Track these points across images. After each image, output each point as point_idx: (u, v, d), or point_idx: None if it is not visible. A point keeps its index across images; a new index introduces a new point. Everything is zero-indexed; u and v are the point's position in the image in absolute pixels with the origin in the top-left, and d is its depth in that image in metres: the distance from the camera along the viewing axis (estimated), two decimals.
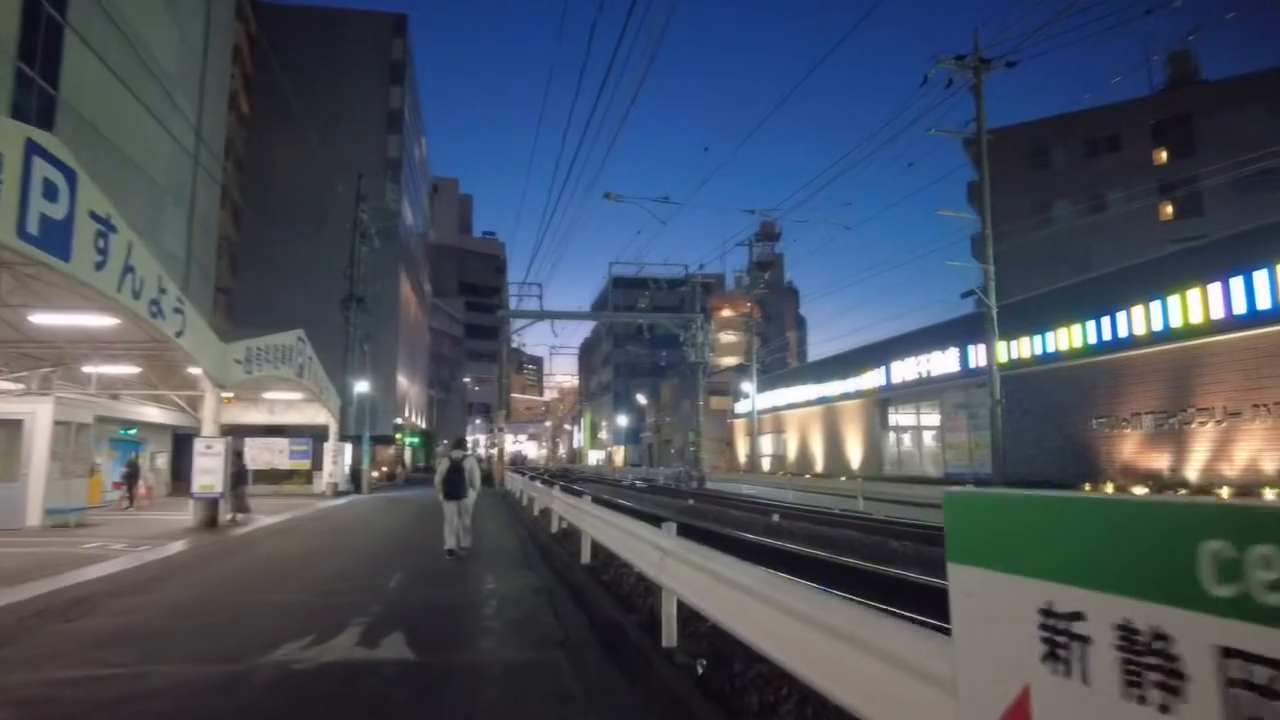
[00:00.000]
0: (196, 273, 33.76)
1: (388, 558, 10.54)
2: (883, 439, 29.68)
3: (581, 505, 9.52)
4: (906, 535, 12.27)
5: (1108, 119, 41.78)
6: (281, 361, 21.95)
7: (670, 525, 5.44)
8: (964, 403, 24.90)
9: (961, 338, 24.74)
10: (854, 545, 11.42)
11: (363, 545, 12.19)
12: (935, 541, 11.50)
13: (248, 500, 18.15)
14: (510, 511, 19.84)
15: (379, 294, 50.11)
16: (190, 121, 31.48)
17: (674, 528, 5.40)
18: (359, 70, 55.94)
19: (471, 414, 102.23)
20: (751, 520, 15.59)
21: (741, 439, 45.31)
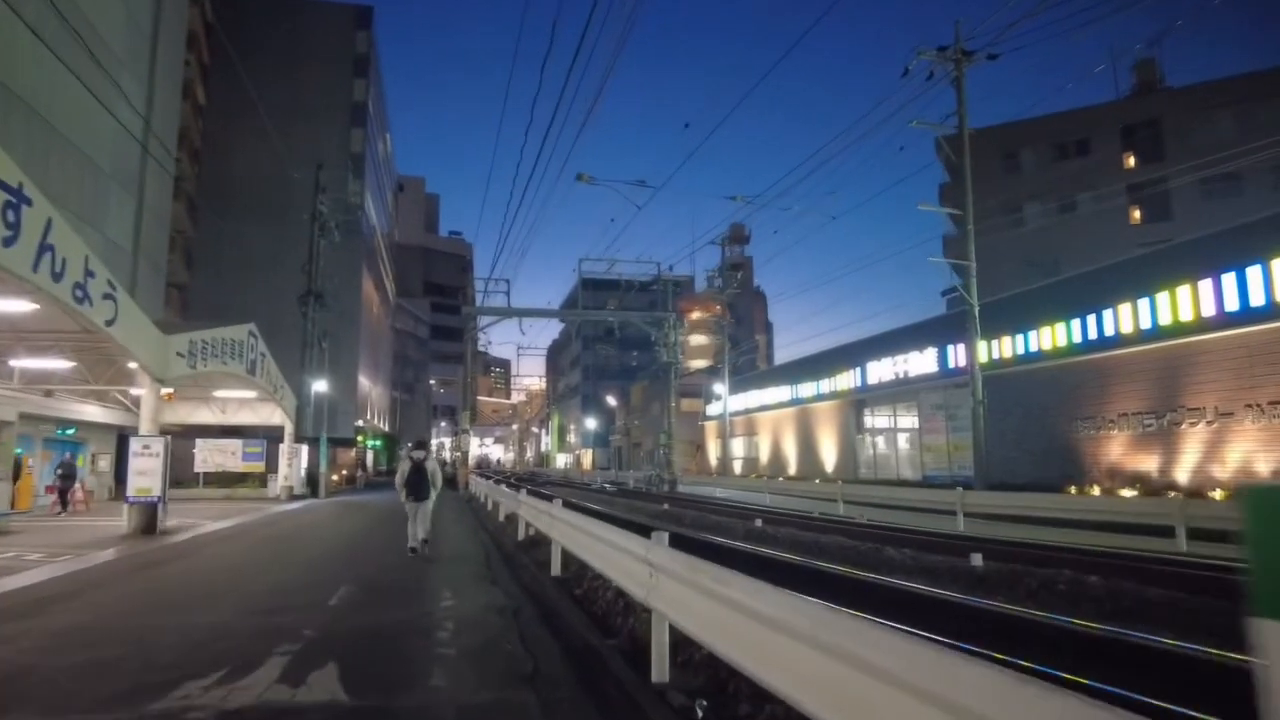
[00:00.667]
0: (146, 265, 32.16)
1: (335, 569, 9.48)
2: (858, 441, 29.09)
3: (552, 511, 8.57)
4: (900, 541, 11.51)
5: (1077, 123, 41.90)
6: (231, 356, 20.65)
7: (662, 535, 4.52)
8: (943, 404, 24.36)
9: (940, 337, 24.20)
10: (848, 553, 10.63)
11: (310, 554, 11.09)
12: (933, 548, 10.75)
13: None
14: (474, 517, 18.78)
15: (339, 291, 48.45)
16: (138, 106, 29.94)
17: (665, 538, 4.49)
18: (322, 62, 54.32)
19: (436, 416, 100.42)
20: (732, 525, 14.75)
21: (712, 441, 44.57)
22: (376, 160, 64.52)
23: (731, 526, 14.62)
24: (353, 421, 52.00)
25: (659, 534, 4.55)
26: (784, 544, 12.12)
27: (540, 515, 9.77)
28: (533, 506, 10.72)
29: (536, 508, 10.22)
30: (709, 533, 14.24)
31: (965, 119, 21.77)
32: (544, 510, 9.27)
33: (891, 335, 27.28)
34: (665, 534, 4.54)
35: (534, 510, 10.58)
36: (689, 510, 19.04)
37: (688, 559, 3.95)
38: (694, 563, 3.81)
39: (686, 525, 16.06)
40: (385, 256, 74.77)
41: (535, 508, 10.40)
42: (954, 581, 8.25)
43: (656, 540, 4.49)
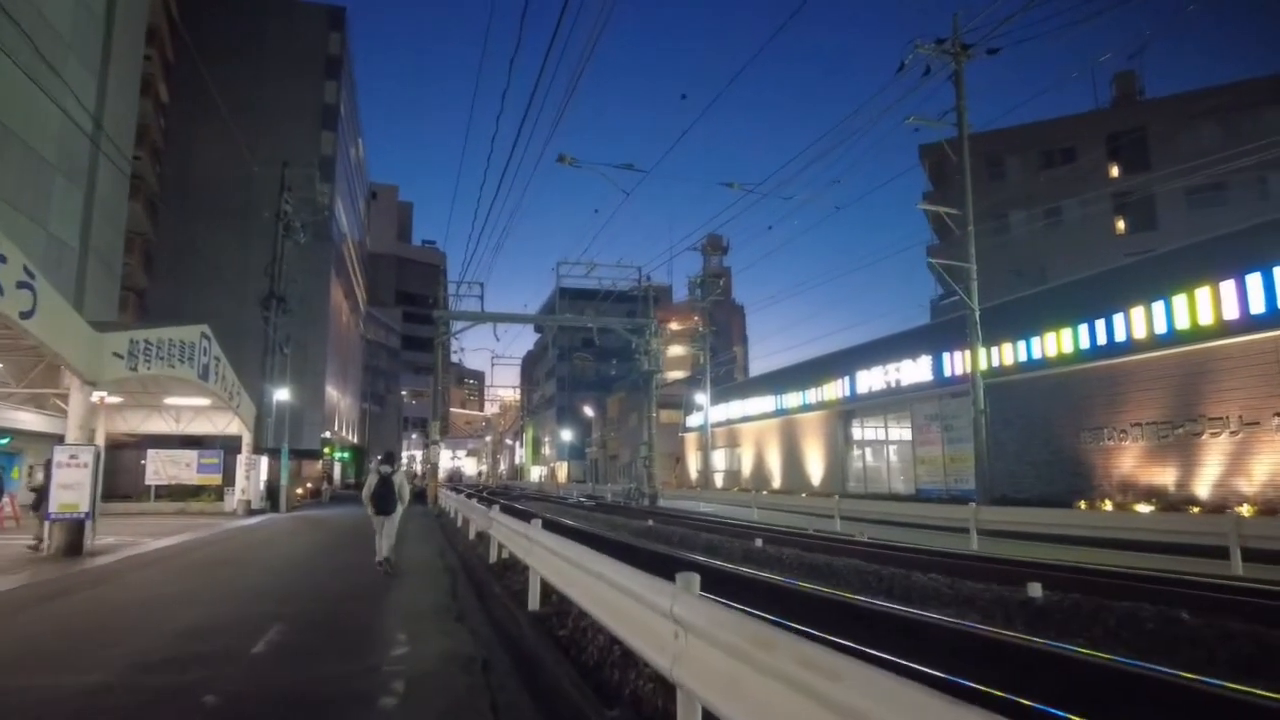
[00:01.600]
0: (97, 265, 30.32)
1: (273, 600, 8.03)
2: (846, 453, 27.97)
3: (530, 534, 7.20)
4: (919, 564, 10.29)
5: (1063, 131, 41.51)
6: (180, 359, 19.02)
7: (689, 578, 3.21)
8: (938, 414, 23.31)
9: (935, 345, 23.18)
10: (868, 580, 9.35)
11: (249, 581, 9.61)
12: (964, 573, 9.51)
13: None
14: (442, 535, 17.29)
15: (307, 297, 46.74)
16: (89, 94, 28.20)
17: (695, 583, 3.18)
18: (292, 63, 52.71)
19: (407, 429, 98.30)
20: (727, 546, 13.43)
21: (692, 454, 43.29)
22: (348, 165, 62.89)
23: (727, 547, 13.29)
24: (319, 433, 50.14)
25: (686, 577, 3.23)
26: (792, 568, 10.82)
27: (515, 538, 8.39)
28: (506, 526, 9.34)
29: (511, 528, 8.84)
30: (703, 554, 12.91)
31: (964, 115, 20.82)
32: (520, 532, 7.89)
33: (883, 343, 26.24)
34: (694, 577, 3.22)
35: (508, 531, 9.20)
36: (675, 527, 17.69)
37: (740, 621, 2.64)
38: (753, 629, 2.49)
39: (676, 545, 14.73)
40: (356, 264, 72.99)
41: (509, 528, 9.02)
42: (1015, 619, 6.98)
43: (684, 585, 3.17)
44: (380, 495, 10.35)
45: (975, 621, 6.80)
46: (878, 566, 9.86)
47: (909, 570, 9.42)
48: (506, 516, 9.84)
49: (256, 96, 48.52)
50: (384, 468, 10.62)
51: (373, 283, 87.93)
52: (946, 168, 45.33)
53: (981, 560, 10.74)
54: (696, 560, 11.58)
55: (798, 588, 9.18)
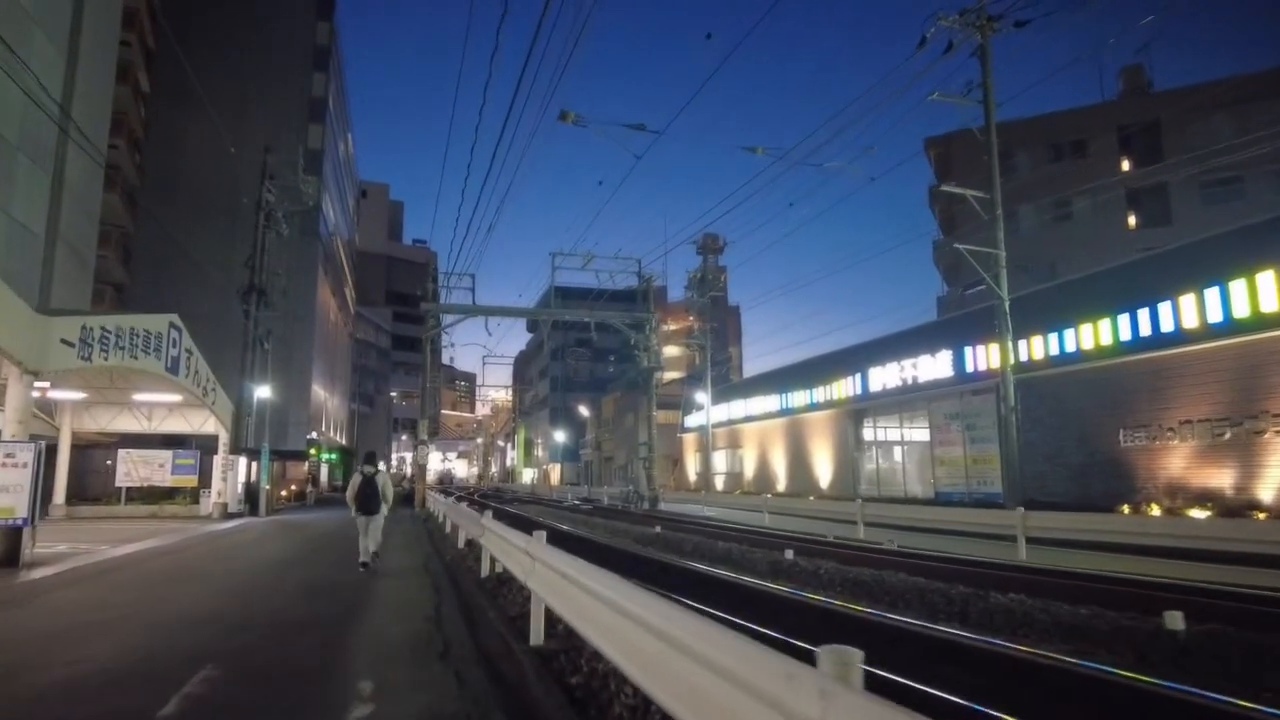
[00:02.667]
0: (67, 255, 28.71)
1: (214, 631, 6.54)
2: (858, 454, 26.56)
3: (534, 550, 5.72)
4: (978, 579, 8.87)
5: (1073, 123, 40.27)
6: (144, 350, 17.44)
7: (846, 655, 1.74)
8: (958, 412, 21.93)
9: (956, 339, 21.82)
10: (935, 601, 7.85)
11: (193, 603, 8.10)
12: (1044, 592, 8.06)
13: None
14: (429, 542, 15.78)
15: (294, 293, 45.07)
16: (56, 72, 26.60)
17: (856, 659, 1.71)
18: (279, 53, 51.14)
19: (397, 430, 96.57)
20: (750, 557, 11.94)
21: (691, 455, 41.85)
22: (337, 160, 61.33)
23: (750, 559, 11.80)
24: (305, 433, 48.54)
25: (836, 654, 1.77)
26: (837, 587, 9.26)
27: (514, 553, 6.90)
28: (501, 538, 7.86)
29: (508, 540, 7.35)
30: (724, 567, 11.40)
31: (991, 90, 19.45)
32: (520, 547, 6.40)
33: (898, 338, 24.87)
34: (854, 654, 1.76)
35: (504, 545, 7.72)
36: (686, 534, 16.21)
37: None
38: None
39: (690, 554, 13.25)
40: (345, 262, 71.41)
41: (506, 540, 7.53)
42: (1168, 662, 5.50)
43: (832, 663, 1.71)
44: (364, 495, 10.55)
45: (1114, 665, 5.33)
46: (930, 582, 8.44)
47: (981, 589, 7.99)
48: (501, 525, 8.36)
49: (242, 87, 47.00)
50: (367, 468, 10.83)
51: (362, 282, 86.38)
52: (953, 159, 44.18)
53: (1050, 574, 9.33)
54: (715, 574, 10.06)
55: (848, 612, 7.70)
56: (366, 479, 10.74)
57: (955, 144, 43.03)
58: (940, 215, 44.44)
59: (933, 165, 45.09)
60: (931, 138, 44.13)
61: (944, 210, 43.55)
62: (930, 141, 44.23)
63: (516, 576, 6.60)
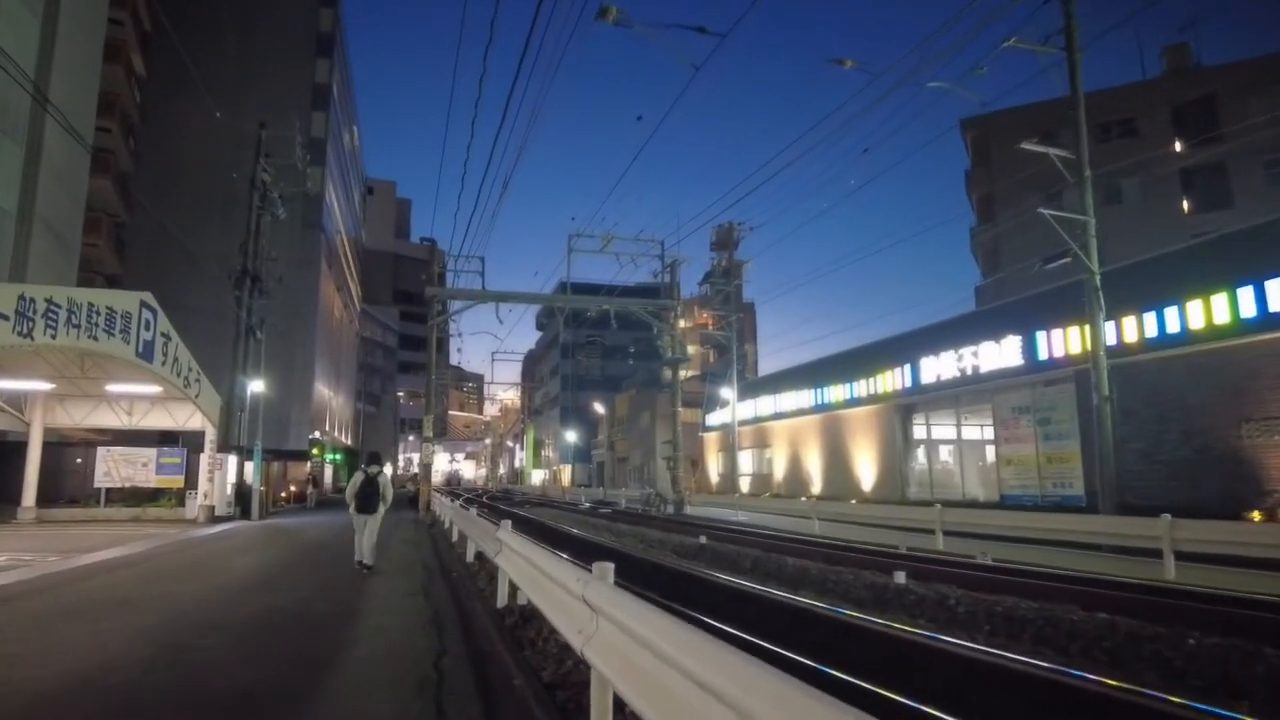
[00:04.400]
0: (45, 236, 26.55)
1: (128, 685, 4.21)
2: (907, 453, 24.11)
3: (600, 599, 3.35)
4: (1169, 614, 6.51)
5: (1122, 101, 37.58)
6: (106, 331, 15.17)
7: None
8: (1028, 405, 19.47)
9: (1026, 322, 19.39)
10: (1203, 664, 5.48)
11: (91, 658, 5.77)
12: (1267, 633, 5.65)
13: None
14: (432, 552, 13.44)
15: (295, 287, 42.92)
16: (30, 39, 24.49)
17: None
18: (281, 39, 49.12)
19: (403, 430, 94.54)
20: (841, 580, 9.48)
21: (713, 456, 39.44)
22: (342, 151, 59.26)
23: (839, 582, 9.36)
24: (307, 433, 46.38)
25: None
26: (1012, 633, 6.69)
27: (552, 590, 4.51)
28: (531, 562, 5.48)
29: (544, 571, 4.94)
30: (817, 596, 8.89)
31: (1075, 34, 16.99)
32: (561, 582, 4.05)
33: (955, 323, 22.44)
34: None
35: (533, 573, 5.36)
36: (735, 545, 13.77)
37: None
38: None
39: (755, 574, 10.78)
40: (351, 258, 69.37)
41: (540, 570, 5.13)
42: None
43: None
44: (364, 495, 10.56)
45: None
46: (1155, 628, 6.06)
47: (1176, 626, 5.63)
48: (526, 543, 6.00)
49: (242, 73, 44.98)
50: (370, 468, 10.88)
51: (369, 280, 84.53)
52: (991, 141, 41.68)
53: (1260, 607, 6.93)
54: (843, 618, 7.42)
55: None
56: (368, 478, 10.73)
57: (992, 125, 40.62)
58: (977, 201, 41.90)
59: (968, 148, 42.62)
60: (967, 119, 41.72)
61: (982, 196, 41.06)
62: (966, 123, 41.78)
63: (562, 631, 4.21)
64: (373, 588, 9.10)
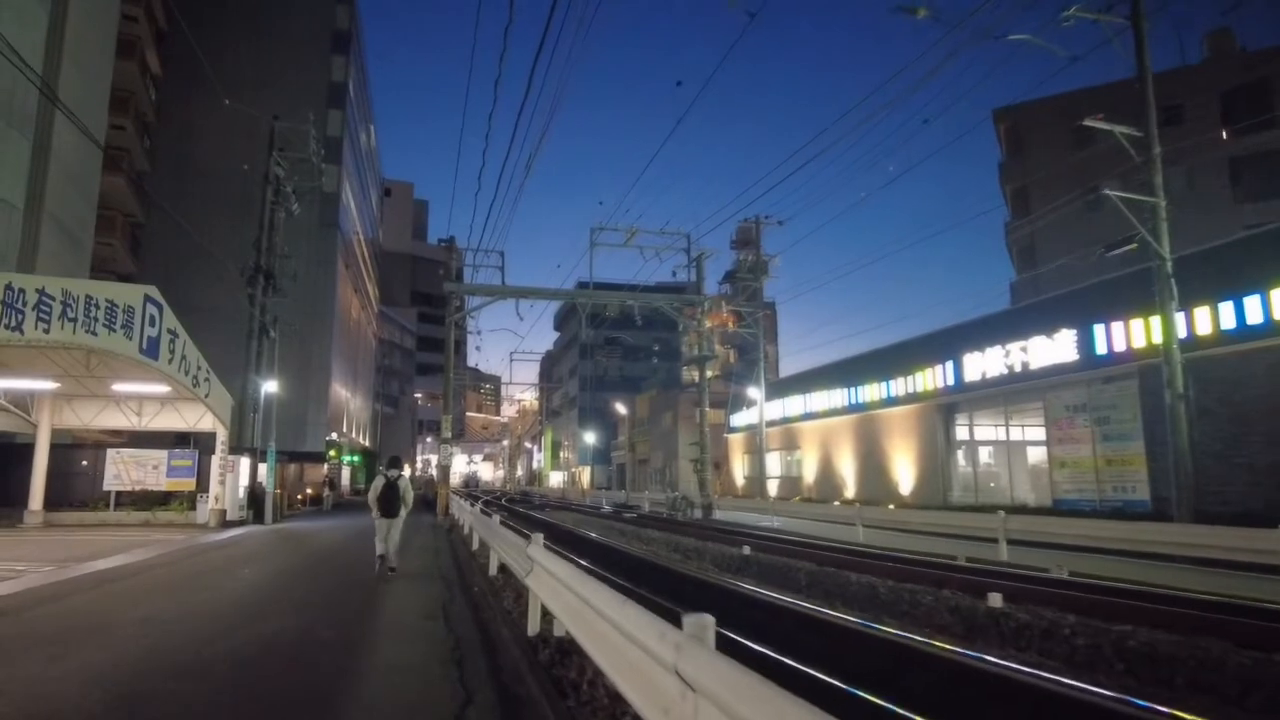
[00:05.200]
0: (54, 232, 25.85)
1: None
2: (949, 455, 22.86)
3: (697, 671, 2.27)
4: None
5: (1166, 87, 35.94)
6: (106, 326, 14.29)
7: None
8: (1085, 404, 18.19)
9: (1081, 314, 18.13)
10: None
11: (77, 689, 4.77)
12: None
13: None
14: (451, 561, 12.41)
15: (312, 287, 42.43)
16: (35, 26, 23.79)
17: None
18: (297, 36, 48.51)
19: (421, 432, 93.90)
20: (916, 600, 8.32)
21: (738, 458, 38.27)
22: (358, 150, 58.62)
23: (914, 603, 8.17)
24: (324, 434, 45.65)
25: None
26: (1186, 683, 5.55)
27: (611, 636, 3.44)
28: (580, 596, 4.40)
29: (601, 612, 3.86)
30: (902, 624, 7.73)
31: None
32: (631, 633, 2.98)
33: (1001, 318, 21.21)
34: None
35: (577, 605, 4.29)
36: (781, 556, 12.60)
37: None
38: None
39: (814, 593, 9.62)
40: (368, 259, 68.78)
41: (593, 608, 4.06)
42: None
43: None
44: (385, 499, 10.63)
45: None
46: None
47: None
48: (568, 569, 4.92)
49: (258, 71, 44.36)
50: (391, 472, 11.01)
51: (387, 281, 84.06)
52: (1025, 132, 40.24)
53: None
54: (950, 658, 6.21)
55: None
56: (389, 483, 10.85)
57: (1026, 116, 39.18)
58: (1011, 194, 40.44)
59: (1001, 140, 41.18)
60: (1000, 109, 40.23)
61: (1016, 188, 39.60)
62: (999, 113, 40.32)
63: (630, 700, 3.11)
64: (385, 607, 8.08)
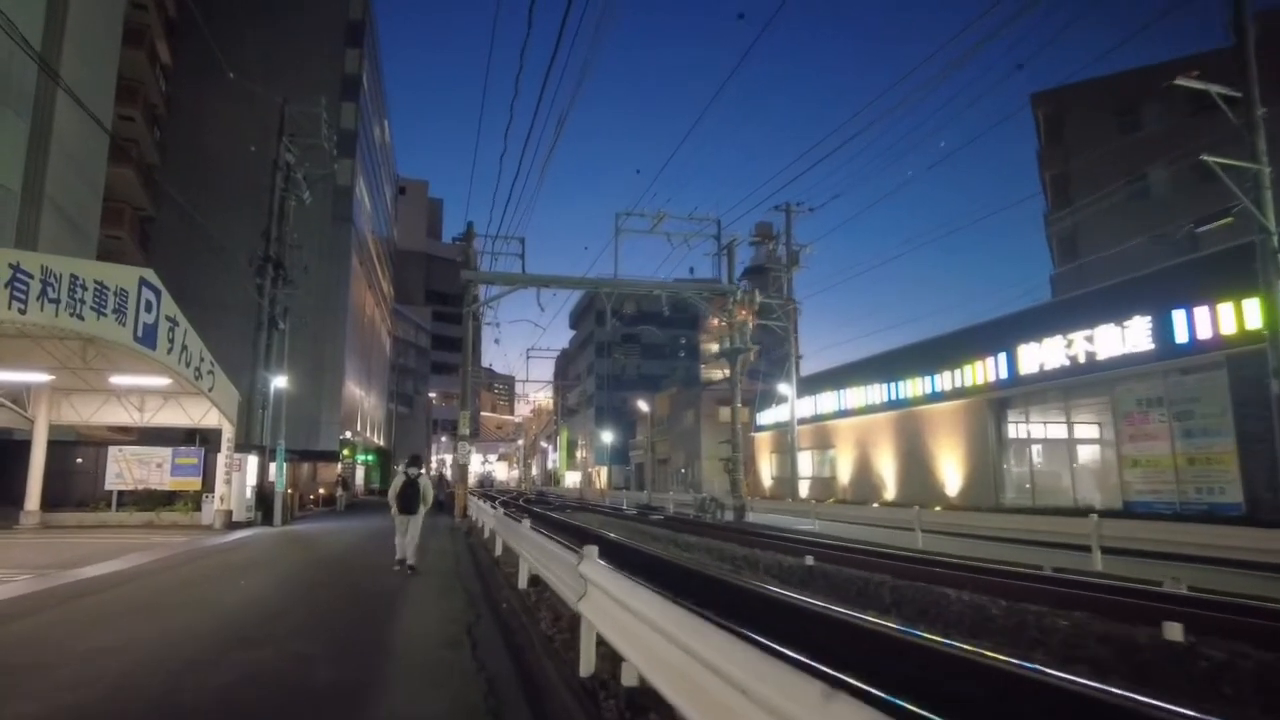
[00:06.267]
0: (56, 221, 24.80)
1: None
2: (1001, 454, 21.30)
3: None
4: None
5: (1220, 65, 34.05)
6: (95, 309, 13.03)
7: None
8: (1161, 396, 16.62)
9: (1156, 299, 16.57)
10: None
11: None
12: None
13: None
14: (475, 573, 11.05)
15: (326, 283, 41.39)
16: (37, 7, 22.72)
17: None
18: (310, 28, 47.49)
19: (436, 431, 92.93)
20: (1052, 627, 6.80)
21: (765, 457, 36.78)
22: (372, 145, 57.58)
23: (1056, 629, 6.67)
24: (337, 433, 44.59)
25: None
26: None
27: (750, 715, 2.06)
28: (679, 642, 3.01)
29: (711, 664, 2.49)
30: (1064, 665, 6.16)
31: None
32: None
33: (1059, 306, 19.70)
34: None
35: (676, 657, 2.91)
36: (856, 570, 11.12)
37: None
38: None
39: (915, 615, 8.18)
40: (383, 256, 67.79)
41: (699, 658, 2.68)
42: None
43: None
44: (405, 496, 10.66)
45: None
46: None
47: None
48: (656, 603, 3.54)
49: (271, 63, 43.27)
50: (411, 470, 11.08)
51: (401, 280, 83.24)
52: (1066, 117, 38.50)
53: None
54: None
55: None
56: (409, 480, 10.87)
57: (1067, 99, 37.48)
58: (1050, 182, 38.68)
59: (1039, 126, 39.44)
60: (1039, 93, 38.53)
61: (1055, 175, 37.88)
62: (1037, 98, 38.62)
63: None
64: (400, 630, 6.73)
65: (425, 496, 10.89)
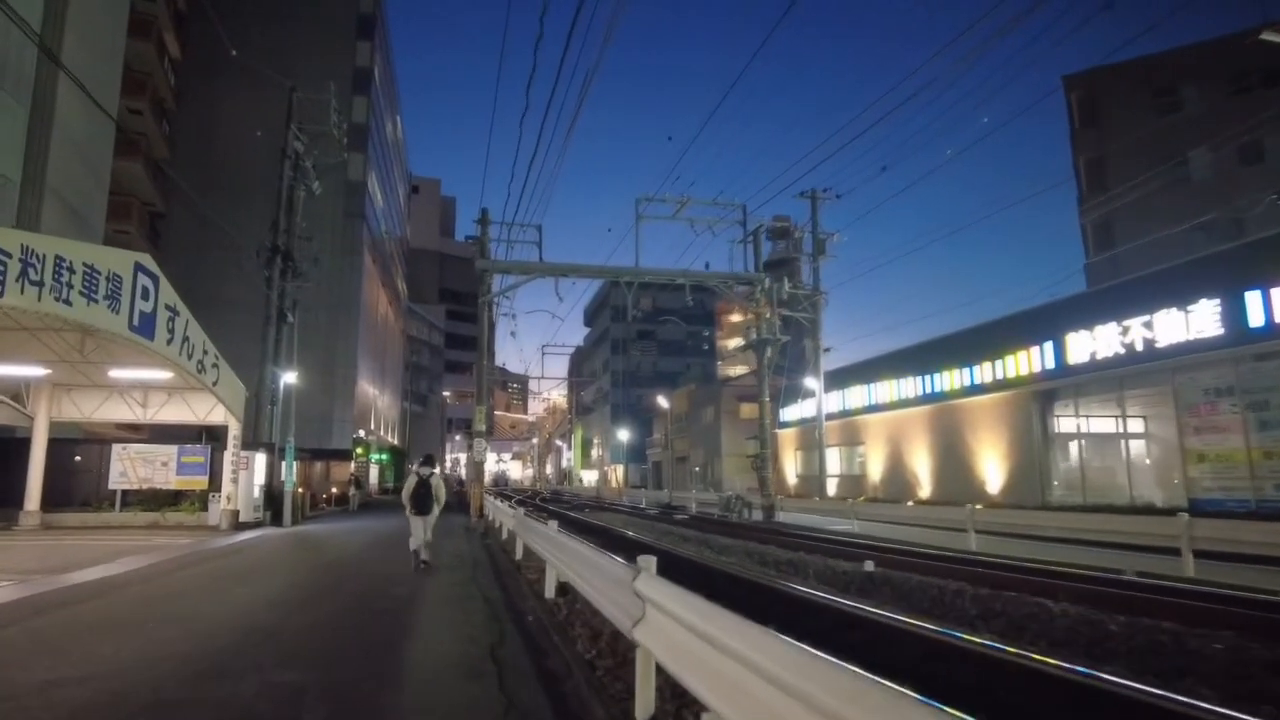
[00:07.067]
0: (58, 211, 23.99)
1: None
2: (1047, 449, 20.07)
3: None
4: None
5: (1261, 46, 32.56)
6: (85, 295, 12.06)
7: None
8: (1232, 386, 15.38)
9: (1225, 280, 15.31)
10: None
11: None
12: None
13: None
14: (495, 580, 10.02)
15: (337, 276, 40.58)
16: None
17: None
18: (321, 21, 46.70)
19: (450, 430, 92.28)
20: (1210, 655, 5.59)
21: (789, 454, 35.63)
22: (384, 140, 56.79)
23: (1220, 662, 5.48)
24: (350, 431, 43.78)
25: None
26: None
27: None
28: (797, 693, 1.95)
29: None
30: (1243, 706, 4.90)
31: None
32: None
33: (1112, 291, 18.45)
34: None
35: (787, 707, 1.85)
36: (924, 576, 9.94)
37: None
38: None
39: (1014, 632, 6.86)
40: (395, 253, 67.05)
41: None
42: None
43: None
44: (418, 496, 10.74)
45: None
46: None
47: None
48: (758, 637, 2.49)
49: (281, 56, 42.50)
50: (424, 470, 11.12)
51: (415, 278, 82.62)
52: (1100, 100, 37.10)
53: None
54: None
55: None
56: (422, 480, 10.91)
57: (1101, 81, 36.08)
58: (1085, 167, 37.25)
59: (1072, 110, 38.01)
60: (1071, 75, 37.11)
61: (1090, 160, 36.47)
62: (1070, 80, 37.21)
63: None
64: (412, 652, 5.70)
65: (438, 496, 10.98)
